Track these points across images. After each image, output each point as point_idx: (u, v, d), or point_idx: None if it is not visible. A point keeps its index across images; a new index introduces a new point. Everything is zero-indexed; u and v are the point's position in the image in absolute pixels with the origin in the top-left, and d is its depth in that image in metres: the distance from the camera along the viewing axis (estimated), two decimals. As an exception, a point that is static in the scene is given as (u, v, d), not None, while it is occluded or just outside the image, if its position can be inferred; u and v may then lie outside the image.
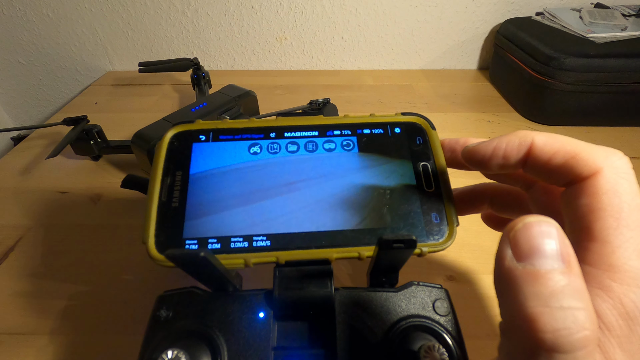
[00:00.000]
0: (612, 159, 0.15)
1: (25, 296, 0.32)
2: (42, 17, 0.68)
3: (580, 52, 0.52)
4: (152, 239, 0.19)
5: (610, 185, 0.15)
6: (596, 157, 0.15)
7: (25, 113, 0.81)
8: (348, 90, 0.68)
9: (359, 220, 0.20)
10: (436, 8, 0.69)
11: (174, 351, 0.16)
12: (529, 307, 0.12)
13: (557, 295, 0.12)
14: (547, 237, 0.12)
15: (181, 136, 0.22)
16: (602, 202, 0.14)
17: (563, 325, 0.11)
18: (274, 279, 0.20)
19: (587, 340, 0.11)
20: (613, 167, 0.15)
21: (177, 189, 0.21)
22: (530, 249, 0.12)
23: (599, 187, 0.15)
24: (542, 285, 0.12)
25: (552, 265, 0.12)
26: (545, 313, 0.11)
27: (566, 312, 0.11)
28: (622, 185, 0.14)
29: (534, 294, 0.12)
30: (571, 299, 0.12)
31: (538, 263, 0.12)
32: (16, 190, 0.44)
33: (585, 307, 0.12)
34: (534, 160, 0.17)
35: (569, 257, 0.12)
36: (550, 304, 0.12)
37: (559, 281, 0.12)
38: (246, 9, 0.69)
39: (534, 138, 0.17)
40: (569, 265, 0.12)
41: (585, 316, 0.11)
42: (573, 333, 0.11)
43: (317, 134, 0.23)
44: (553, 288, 0.12)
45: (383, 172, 0.22)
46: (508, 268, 0.13)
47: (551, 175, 0.17)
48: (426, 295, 0.20)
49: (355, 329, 0.19)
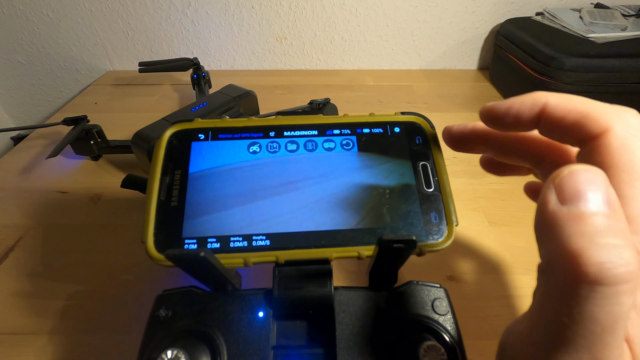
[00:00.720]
0: (623, 117, 0.15)
1: (25, 296, 0.32)
2: (42, 17, 0.68)
3: (580, 52, 0.52)
4: (151, 238, 0.19)
5: (620, 142, 0.15)
6: (607, 115, 0.15)
7: (25, 113, 0.81)
8: (348, 90, 0.68)
9: (359, 220, 0.20)
10: (436, 8, 0.69)
11: (174, 351, 0.16)
12: (573, 244, 0.12)
13: (601, 233, 0.12)
14: (593, 184, 0.13)
15: (180, 135, 0.22)
16: (613, 159, 0.15)
17: (608, 259, 0.11)
18: (274, 279, 0.20)
19: (631, 275, 0.11)
20: (624, 124, 0.15)
21: (176, 188, 0.21)
22: (576, 193, 0.13)
23: (609, 145, 0.15)
24: (587, 224, 0.12)
25: (598, 208, 0.12)
26: (589, 248, 0.12)
27: (611, 248, 0.12)
28: (633, 141, 0.15)
29: (579, 232, 0.12)
30: (616, 238, 0.12)
31: (583, 205, 0.12)
32: (16, 190, 0.44)
33: (630, 245, 0.12)
34: (547, 119, 0.17)
35: (614, 203, 0.13)
36: (595, 240, 0.12)
37: (604, 221, 0.12)
38: (246, 9, 0.69)
39: (548, 98, 0.17)
40: (613, 210, 0.12)
41: (630, 253, 0.12)
42: (617, 266, 0.11)
43: (317, 133, 0.23)
44: (598, 227, 0.12)
45: (382, 172, 0.22)
46: (552, 211, 0.13)
47: (564, 135, 0.17)
48: (425, 294, 0.20)
49: (355, 328, 0.19)
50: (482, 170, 0.24)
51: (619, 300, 0.11)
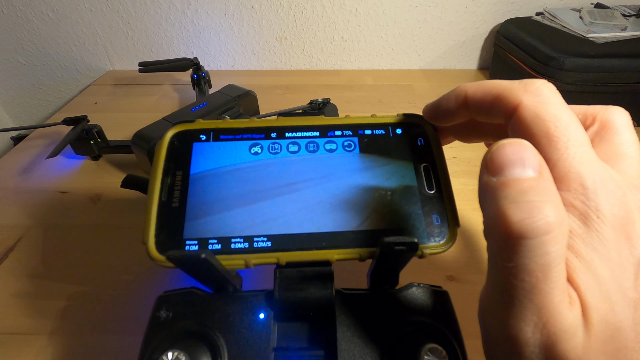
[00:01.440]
0: (529, 88, 0.16)
1: (25, 296, 0.32)
2: (42, 17, 0.68)
3: (580, 52, 0.52)
4: (152, 239, 0.19)
5: (532, 112, 0.16)
6: (515, 91, 0.17)
7: (25, 113, 0.81)
8: (348, 90, 0.68)
9: (360, 222, 0.20)
10: (436, 8, 0.69)
11: (174, 352, 0.16)
12: (499, 207, 0.13)
13: (524, 193, 0.13)
14: (518, 153, 0.14)
15: (182, 136, 0.22)
16: (531, 129, 0.16)
17: (528, 215, 0.12)
18: (275, 280, 0.19)
19: (550, 226, 0.12)
20: (531, 96, 0.16)
21: (178, 189, 0.20)
22: (502, 164, 0.14)
23: (524, 118, 0.16)
24: (512, 188, 0.13)
25: (522, 174, 0.13)
26: (512, 207, 0.13)
27: (531, 204, 0.13)
28: (543, 109, 0.16)
29: (504, 196, 0.13)
30: (537, 195, 0.13)
31: (509, 173, 0.14)
32: (16, 190, 0.44)
33: (550, 200, 0.13)
34: (472, 106, 0.19)
35: (540, 166, 0.14)
36: (518, 199, 0.13)
37: (528, 183, 0.13)
38: (246, 9, 0.69)
39: (467, 88, 0.19)
40: (539, 172, 0.14)
41: (549, 207, 0.13)
42: (536, 220, 0.12)
43: (319, 135, 0.23)
44: (520, 189, 0.13)
45: (384, 173, 0.21)
46: (484, 183, 0.14)
47: (491, 116, 0.18)
48: (426, 296, 0.20)
49: (356, 331, 0.19)
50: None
51: (544, 250, 0.12)
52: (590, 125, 0.18)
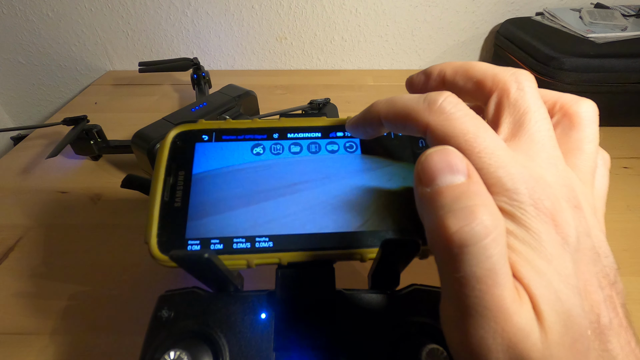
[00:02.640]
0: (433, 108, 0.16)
1: (25, 296, 0.32)
2: (42, 16, 0.68)
3: (580, 52, 0.52)
4: (154, 239, 0.19)
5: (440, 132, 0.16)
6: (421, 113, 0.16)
7: (25, 113, 0.81)
8: (348, 90, 0.68)
9: (362, 222, 0.20)
10: (436, 8, 0.69)
11: (176, 352, 0.16)
12: (437, 217, 0.13)
13: (457, 200, 0.13)
14: (445, 160, 0.14)
15: (184, 136, 0.22)
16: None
17: (464, 222, 0.12)
18: (276, 280, 0.20)
19: (487, 229, 0.12)
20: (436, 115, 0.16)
21: (180, 189, 0.20)
22: (433, 173, 0.14)
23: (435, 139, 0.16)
24: (446, 197, 0.13)
25: (452, 180, 0.14)
26: (449, 216, 0.13)
27: (465, 210, 0.13)
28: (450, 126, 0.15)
29: (439, 206, 0.13)
30: (469, 200, 0.13)
31: (440, 182, 0.14)
32: (16, 190, 0.44)
33: (483, 203, 0.13)
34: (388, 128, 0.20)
35: (468, 170, 0.14)
36: (453, 207, 0.13)
37: (459, 189, 0.13)
38: (246, 9, 0.69)
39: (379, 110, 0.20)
40: (468, 176, 0.14)
41: (484, 210, 0.13)
42: (474, 226, 0.12)
43: (320, 136, 0.23)
44: (454, 195, 0.13)
45: (385, 175, 0.22)
46: (419, 195, 0.14)
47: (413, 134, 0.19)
48: (427, 297, 0.20)
49: (357, 331, 0.19)
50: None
51: (487, 253, 0.12)
52: (555, 114, 0.18)
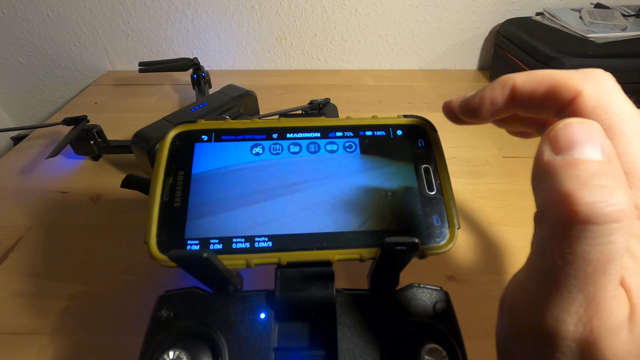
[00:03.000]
0: (590, 77, 0.15)
1: (25, 296, 0.32)
2: (42, 17, 0.68)
3: (580, 52, 0.52)
4: (153, 238, 0.19)
5: (594, 102, 0.15)
6: (575, 79, 0.16)
7: (25, 113, 0.81)
8: (348, 90, 0.68)
9: (361, 222, 0.20)
10: (436, 8, 0.69)
11: (176, 351, 0.16)
12: (565, 187, 0.12)
13: (593, 176, 0.12)
14: (586, 133, 0.13)
15: (183, 136, 0.22)
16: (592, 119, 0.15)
17: (599, 198, 0.11)
18: (276, 280, 0.19)
19: (622, 213, 0.11)
20: (593, 85, 0.15)
21: (179, 189, 0.20)
22: (570, 143, 0.13)
23: (585, 107, 0.15)
24: (580, 169, 0.12)
25: (590, 155, 0.12)
26: (581, 189, 0.12)
27: (602, 188, 0.11)
28: (606, 99, 0.15)
29: (571, 176, 0.12)
30: (608, 180, 0.12)
31: (577, 153, 0.12)
32: (16, 190, 0.44)
33: (623, 187, 0.12)
34: (520, 98, 0.17)
35: (608, 150, 0.13)
36: (587, 182, 0.12)
37: (596, 166, 0.12)
38: (246, 9, 0.69)
39: (515, 79, 0.17)
40: (607, 157, 0.12)
41: (622, 194, 0.11)
42: (608, 205, 0.11)
43: (320, 136, 0.23)
44: (590, 170, 0.12)
45: (385, 174, 0.22)
46: (547, 161, 0.13)
47: (541, 109, 0.17)
48: (427, 297, 0.20)
49: (356, 331, 0.19)
50: (482, 170, 0.24)
51: (610, 239, 0.11)
52: None
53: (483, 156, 0.49)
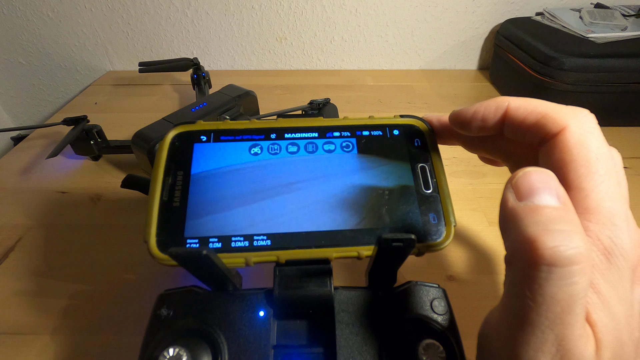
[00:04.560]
0: (577, 115, 0.17)
1: (25, 296, 0.32)
2: (42, 17, 0.68)
3: (580, 52, 0.52)
4: (153, 237, 0.19)
5: (577, 138, 0.16)
6: (563, 115, 0.17)
7: (25, 113, 0.81)
8: (348, 90, 0.68)
9: (358, 220, 0.20)
10: (436, 8, 0.69)
11: (175, 349, 0.16)
12: (530, 232, 0.13)
13: (553, 221, 0.13)
14: (544, 181, 0.14)
15: (182, 136, 0.22)
16: (572, 154, 0.16)
17: (560, 243, 0.12)
18: (274, 278, 0.20)
19: (582, 256, 0.12)
20: (579, 123, 0.16)
21: (179, 189, 0.21)
22: (530, 190, 0.14)
23: (567, 142, 0.16)
24: (541, 215, 0.13)
25: (549, 202, 0.14)
26: (544, 234, 0.13)
27: (563, 233, 0.13)
28: (588, 137, 0.16)
29: (534, 222, 0.13)
30: (566, 225, 0.13)
31: (537, 199, 0.14)
32: (16, 190, 0.44)
33: (580, 231, 0.13)
34: (510, 122, 0.19)
35: (563, 197, 0.14)
36: (548, 227, 0.13)
37: (555, 212, 0.13)
38: (246, 9, 0.69)
39: (510, 102, 0.19)
40: (563, 203, 0.14)
41: (580, 237, 0.13)
42: (569, 249, 0.12)
43: (317, 136, 0.23)
44: (550, 216, 0.13)
45: (382, 174, 0.22)
46: (511, 207, 0.14)
47: (526, 135, 0.18)
48: (424, 294, 0.20)
49: (355, 328, 0.19)
50: (482, 170, 0.24)
51: (573, 279, 0.12)
52: None
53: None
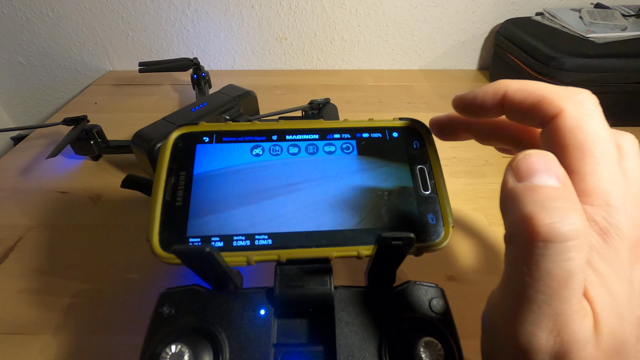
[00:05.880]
0: (574, 97, 0.16)
1: (25, 296, 0.32)
2: (42, 17, 0.68)
3: (580, 52, 0.52)
4: (156, 236, 0.20)
5: (573, 122, 0.16)
6: (560, 97, 0.17)
7: (25, 113, 0.81)
8: (348, 90, 0.68)
9: (358, 221, 0.21)
10: (436, 8, 0.69)
11: (177, 346, 0.17)
12: (527, 210, 0.13)
13: (550, 199, 0.13)
14: (544, 163, 0.14)
15: (185, 137, 0.23)
16: (568, 138, 0.16)
17: (556, 219, 0.13)
18: (275, 277, 0.20)
19: (578, 232, 0.13)
20: (575, 105, 0.16)
21: (181, 189, 0.21)
22: (529, 171, 0.14)
23: (564, 126, 0.16)
24: (539, 194, 0.14)
25: (548, 182, 0.14)
26: (541, 212, 0.13)
27: (560, 210, 0.13)
28: (585, 120, 0.16)
29: (532, 201, 0.13)
30: (564, 203, 0.13)
31: (536, 179, 0.14)
32: (16, 190, 0.44)
33: (577, 209, 0.13)
34: (509, 104, 0.19)
35: (564, 178, 0.14)
36: (546, 205, 0.13)
37: (553, 191, 0.14)
38: (246, 9, 0.69)
39: (508, 85, 0.19)
40: (562, 183, 0.14)
41: (576, 215, 0.13)
42: (565, 225, 0.13)
43: (318, 137, 0.23)
44: (547, 195, 0.13)
45: (381, 175, 0.22)
46: (511, 188, 0.15)
47: (526, 118, 0.18)
48: (422, 293, 0.20)
49: (354, 326, 0.19)
50: (482, 170, 0.24)
51: (569, 255, 0.13)
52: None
53: (483, 156, 0.49)
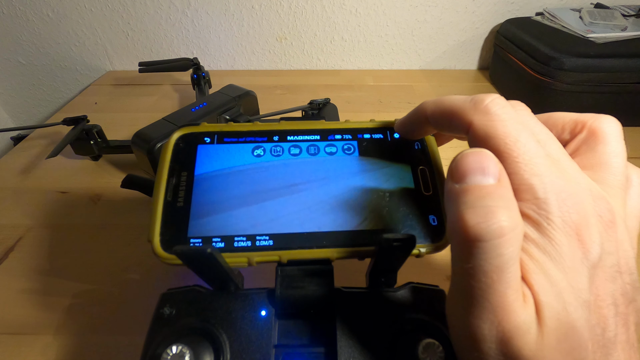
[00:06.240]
0: (479, 108, 0.17)
1: (25, 296, 0.32)
2: (42, 17, 0.68)
3: (580, 52, 0.52)
4: (157, 237, 0.19)
5: (482, 132, 0.16)
6: (465, 112, 0.17)
7: (25, 113, 0.81)
8: (348, 90, 0.68)
9: (359, 222, 0.20)
10: (436, 8, 0.69)
11: (178, 347, 0.17)
12: (459, 212, 0.14)
13: (481, 199, 0.14)
14: (479, 162, 0.15)
15: (187, 138, 0.23)
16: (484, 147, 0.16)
17: (482, 219, 0.13)
18: (276, 278, 0.20)
19: (504, 229, 0.13)
20: (481, 115, 0.17)
21: (182, 189, 0.21)
22: (464, 172, 0.15)
23: (476, 136, 0.17)
24: (470, 194, 0.14)
25: (482, 181, 0.14)
26: (469, 212, 0.14)
27: (486, 209, 0.14)
28: (493, 127, 0.16)
29: (464, 202, 0.14)
30: (492, 201, 0.14)
31: (470, 180, 0.15)
32: (16, 190, 0.44)
33: (505, 206, 0.14)
34: (433, 124, 0.20)
35: (500, 174, 0.15)
36: (475, 204, 0.14)
37: (486, 190, 0.14)
38: (246, 9, 0.69)
39: (426, 107, 0.20)
40: (498, 180, 0.14)
41: (503, 212, 0.13)
42: (491, 224, 0.13)
43: (319, 138, 0.23)
44: (478, 194, 0.14)
45: (383, 176, 0.22)
46: (448, 189, 0.15)
47: (452, 132, 0.19)
48: (423, 295, 0.20)
49: (355, 327, 0.19)
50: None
51: (499, 252, 0.13)
52: (578, 132, 0.19)
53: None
